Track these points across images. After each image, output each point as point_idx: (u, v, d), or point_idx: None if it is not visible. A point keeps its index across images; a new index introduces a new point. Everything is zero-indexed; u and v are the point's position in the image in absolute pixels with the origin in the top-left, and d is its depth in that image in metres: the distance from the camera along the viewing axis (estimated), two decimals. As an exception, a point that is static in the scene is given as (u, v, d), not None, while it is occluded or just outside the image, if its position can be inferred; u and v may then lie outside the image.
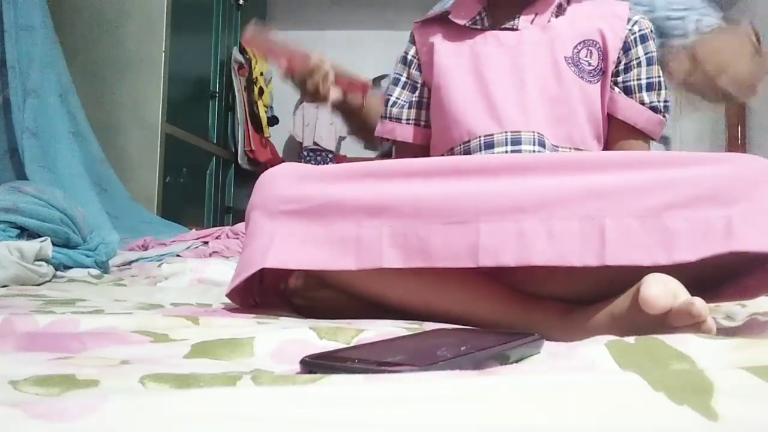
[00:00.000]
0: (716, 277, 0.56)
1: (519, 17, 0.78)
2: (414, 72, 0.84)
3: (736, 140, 3.43)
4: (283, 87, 4.39)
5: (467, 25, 0.79)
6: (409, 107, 0.83)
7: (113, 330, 0.45)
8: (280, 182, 0.59)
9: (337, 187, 0.57)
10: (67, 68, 2.22)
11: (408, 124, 0.83)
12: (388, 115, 0.84)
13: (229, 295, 0.62)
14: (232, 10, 3.48)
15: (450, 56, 0.79)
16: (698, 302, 0.44)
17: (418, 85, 0.84)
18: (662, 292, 0.45)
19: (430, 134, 0.82)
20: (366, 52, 4.12)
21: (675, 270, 0.48)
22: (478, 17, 0.79)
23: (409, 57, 0.85)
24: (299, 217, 0.56)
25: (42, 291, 0.85)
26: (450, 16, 0.81)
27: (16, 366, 0.32)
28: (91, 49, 2.50)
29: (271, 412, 0.23)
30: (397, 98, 0.84)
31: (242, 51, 3.57)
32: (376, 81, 3.96)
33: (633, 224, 0.50)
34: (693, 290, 0.46)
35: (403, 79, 0.85)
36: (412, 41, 0.85)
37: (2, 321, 0.47)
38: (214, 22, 3.23)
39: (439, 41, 0.81)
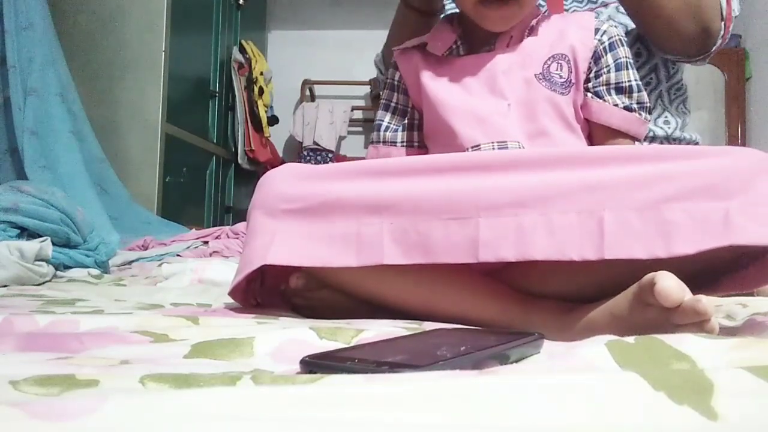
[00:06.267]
0: (712, 271, 0.56)
1: (494, 42, 0.80)
2: (402, 96, 0.86)
3: (736, 138, 3.43)
4: (283, 87, 4.38)
5: (444, 55, 0.82)
6: (402, 130, 0.85)
7: (113, 330, 0.46)
8: (280, 182, 0.59)
9: (337, 185, 0.57)
10: (68, 68, 2.22)
11: (402, 146, 0.85)
12: (382, 140, 0.86)
13: (231, 294, 0.63)
14: (232, 10, 3.48)
15: (434, 80, 0.81)
16: (704, 299, 0.44)
17: (408, 109, 0.86)
18: (677, 284, 0.45)
19: (424, 154, 0.84)
20: (366, 52, 4.12)
21: (672, 265, 0.48)
22: (454, 46, 0.82)
23: (395, 83, 0.87)
24: (300, 216, 0.57)
25: (42, 291, 0.85)
26: (427, 47, 0.83)
27: (16, 366, 0.32)
28: (91, 49, 2.50)
29: (271, 412, 0.23)
30: (389, 123, 0.86)
31: (242, 51, 3.57)
32: (375, 81, 3.96)
33: (631, 217, 0.50)
34: (691, 285, 0.46)
35: (393, 104, 0.87)
36: (395, 67, 0.87)
37: (2, 321, 0.47)
38: (214, 22, 3.23)
39: (422, 66, 0.83)
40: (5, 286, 0.92)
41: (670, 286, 0.44)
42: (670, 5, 0.87)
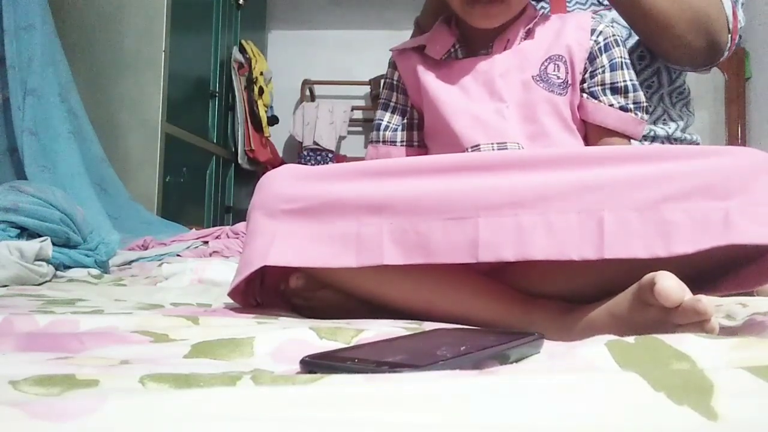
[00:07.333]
0: (713, 270, 0.56)
1: (492, 45, 0.81)
2: (401, 96, 0.87)
3: (736, 138, 3.43)
4: (283, 87, 4.38)
5: (442, 58, 0.82)
6: (402, 129, 0.86)
7: (113, 330, 0.46)
8: (280, 182, 0.59)
9: (337, 185, 0.57)
10: (68, 67, 2.21)
11: (402, 146, 0.86)
12: (381, 139, 0.86)
13: (230, 295, 0.63)
14: (232, 10, 3.48)
15: (434, 82, 0.82)
16: (704, 299, 0.44)
17: (407, 109, 0.86)
18: (677, 284, 0.45)
19: (424, 153, 0.85)
20: (366, 52, 4.12)
21: (672, 265, 0.48)
22: (452, 50, 0.82)
23: (394, 82, 0.87)
24: (300, 216, 0.57)
25: (42, 291, 0.85)
26: (425, 51, 0.83)
27: (16, 366, 0.32)
28: (91, 49, 2.50)
29: (271, 412, 0.23)
30: (388, 122, 0.87)
31: (242, 51, 3.57)
32: (375, 81, 3.97)
33: (631, 216, 0.50)
34: (691, 285, 0.46)
35: (392, 103, 0.87)
36: (394, 67, 0.87)
37: (2, 321, 0.47)
38: (214, 22, 3.23)
39: (420, 68, 0.83)
40: (5, 286, 0.92)
41: (670, 286, 0.44)
42: (680, 24, 0.88)
